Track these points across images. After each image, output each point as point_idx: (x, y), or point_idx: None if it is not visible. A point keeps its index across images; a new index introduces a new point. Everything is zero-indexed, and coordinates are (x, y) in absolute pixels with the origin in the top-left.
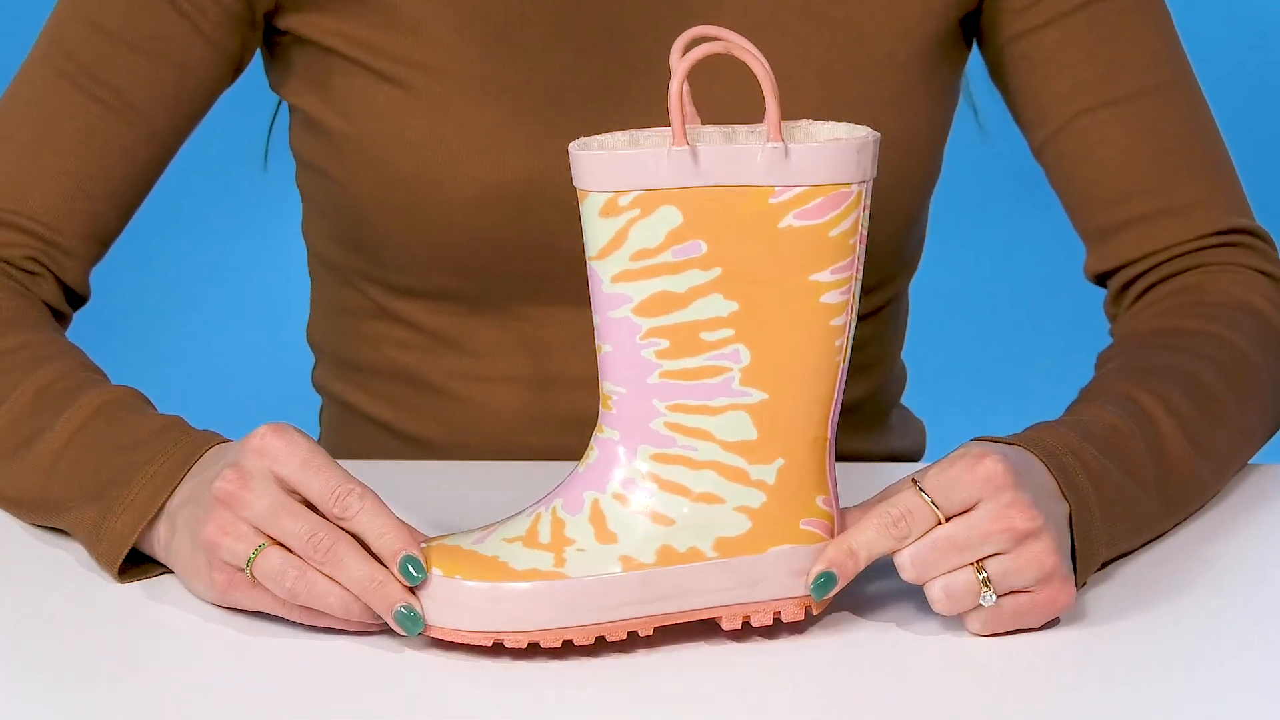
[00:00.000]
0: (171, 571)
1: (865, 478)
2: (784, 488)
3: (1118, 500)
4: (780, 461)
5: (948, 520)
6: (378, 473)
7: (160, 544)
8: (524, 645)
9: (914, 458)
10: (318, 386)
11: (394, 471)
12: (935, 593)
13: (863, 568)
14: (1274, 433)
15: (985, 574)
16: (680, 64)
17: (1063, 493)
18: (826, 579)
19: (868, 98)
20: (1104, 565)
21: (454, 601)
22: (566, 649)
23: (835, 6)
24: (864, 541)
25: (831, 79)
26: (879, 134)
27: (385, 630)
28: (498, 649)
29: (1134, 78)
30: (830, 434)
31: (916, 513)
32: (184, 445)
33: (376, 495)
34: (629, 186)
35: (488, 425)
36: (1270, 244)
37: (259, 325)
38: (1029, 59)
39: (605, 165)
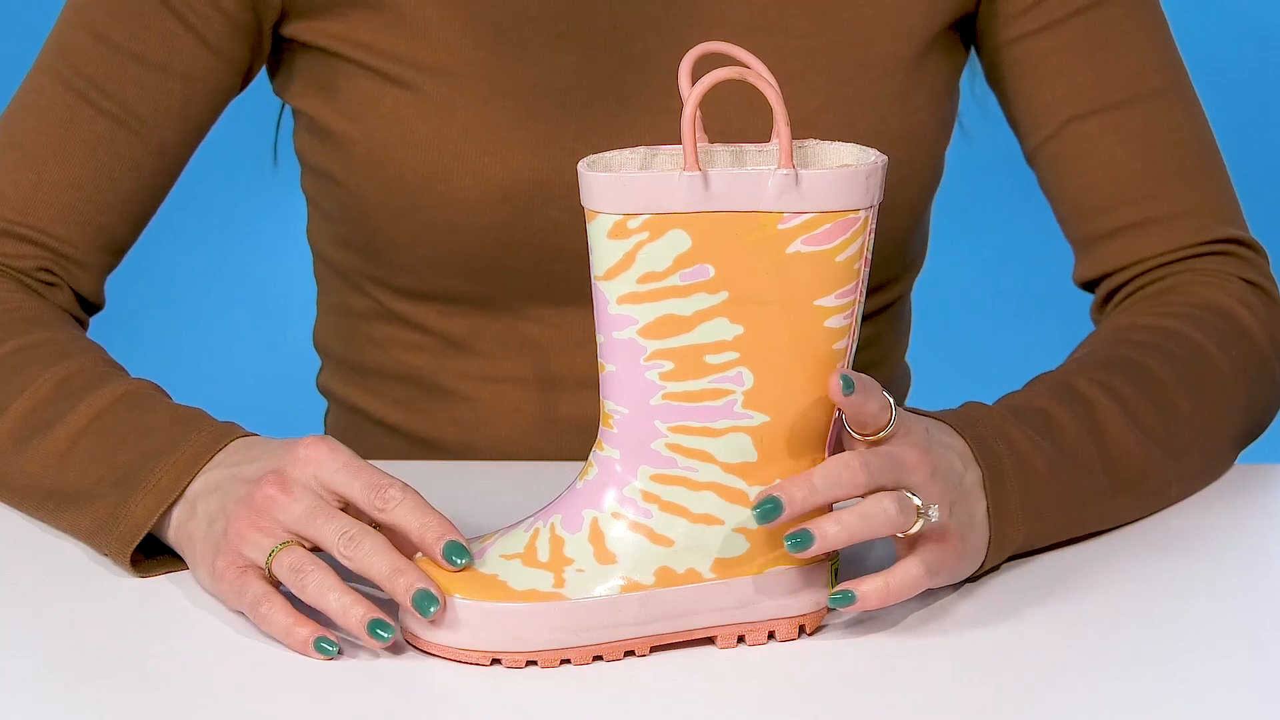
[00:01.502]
0: (176, 569)
1: None
2: None
3: (1050, 475)
4: (777, 483)
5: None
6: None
7: (173, 525)
8: (522, 665)
9: None
10: (324, 390)
11: (401, 471)
12: (890, 504)
13: (810, 506)
14: (1248, 432)
15: (918, 502)
16: (694, 90)
17: (975, 458)
18: (773, 505)
19: (872, 96)
20: (1057, 546)
21: (452, 620)
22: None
23: (838, 5)
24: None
25: (836, 77)
26: (886, 158)
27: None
28: (494, 665)
29: (1126, 85)
30: (828, 455)
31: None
32: (207, 432)
33: (417, 491)
34: (639, 209)
35: (495, 426)
36: (1262, 255)
37: (262, 329)
38: (1022, 64)
39: (615, 187)
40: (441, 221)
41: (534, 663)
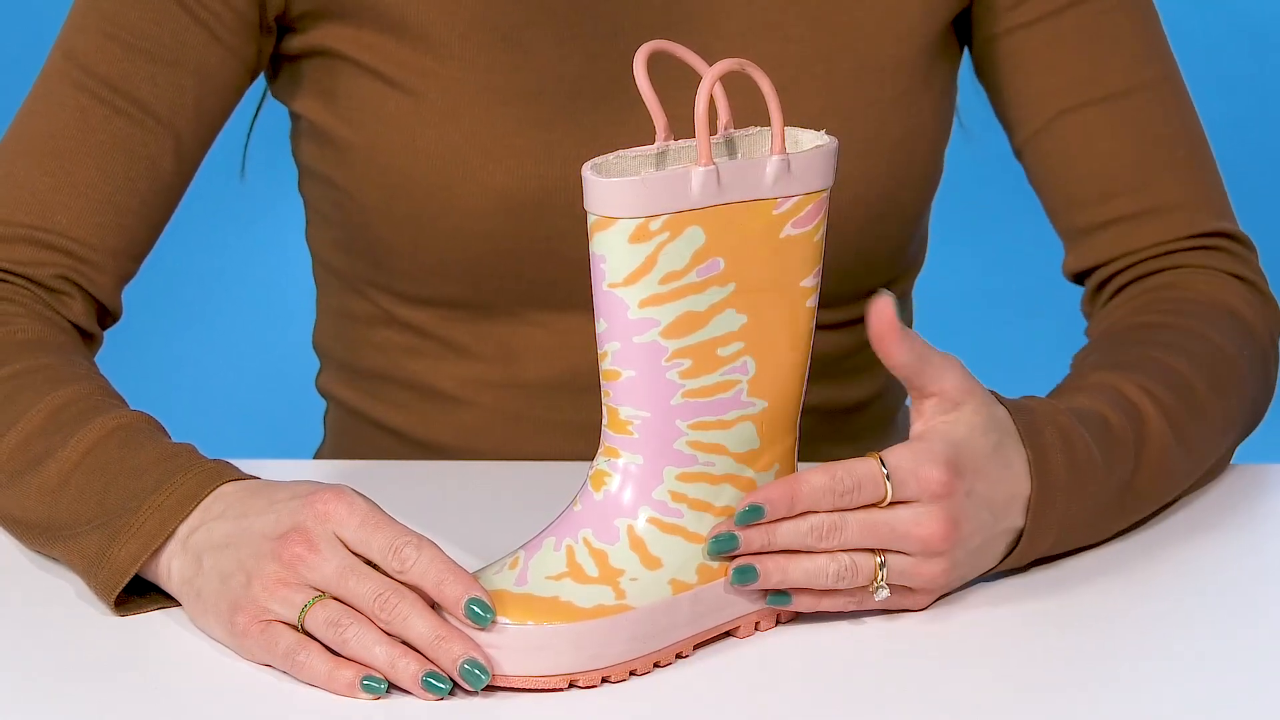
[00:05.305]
0: (164, 606)
1: None
2: None
3: (1090, 493)
4: (776, 467)
5: (888, 505)
6: (380, 474)
7: (174, 575)
8: (598, 683)
9: None
10: (323, 391)
11: (400, 472)
12: (833, 566)
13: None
14: (1249, 430)
15: (885, 570)
16: (703, 84)
17: (1031, 472)
18: (753, 510)
19: (871, 100)
20: (1042, 561)
21: (527, 648)
22: None
23: (836, 10)
24: (808, 493)
25: (834, 82)
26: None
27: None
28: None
29: (1119, 77)
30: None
31: (868, 487)
32: (194, 476)
33: (434, 544)
34: (660, 210)
35: (496, 431)
36: (1250, 249)
37: (262, 329)
38: (1014, 57)
39: (636, 190)
40: (444, 228)
41: (607, 679)
